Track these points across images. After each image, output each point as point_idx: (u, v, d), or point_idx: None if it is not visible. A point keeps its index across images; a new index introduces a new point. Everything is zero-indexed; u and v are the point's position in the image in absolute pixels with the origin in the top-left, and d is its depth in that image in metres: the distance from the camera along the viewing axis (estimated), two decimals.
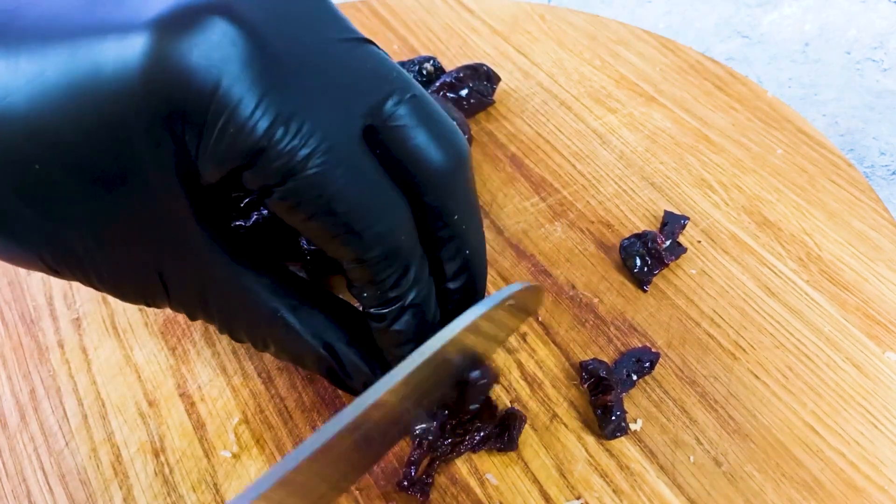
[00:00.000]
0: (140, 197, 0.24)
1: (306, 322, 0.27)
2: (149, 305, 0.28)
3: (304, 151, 0.23)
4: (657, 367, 0.34)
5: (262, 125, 0.22)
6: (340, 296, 0.30)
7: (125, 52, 0.22)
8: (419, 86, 0.26)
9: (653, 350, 0.34)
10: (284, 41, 0.23)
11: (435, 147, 0.25)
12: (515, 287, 0.26)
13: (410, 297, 0.26)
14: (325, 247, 0.25)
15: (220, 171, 0.24)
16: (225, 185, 0.25)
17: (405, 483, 0.30)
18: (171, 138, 0.23)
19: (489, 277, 0.37)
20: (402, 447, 0.31)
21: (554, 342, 0.35)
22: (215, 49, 0.22)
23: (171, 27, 0.22)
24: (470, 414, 0.31)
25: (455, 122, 0.27)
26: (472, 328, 0.25)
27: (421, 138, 0.25)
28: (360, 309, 0.28)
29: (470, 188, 0.27)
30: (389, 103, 0.25)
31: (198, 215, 0.25)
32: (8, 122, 0.23)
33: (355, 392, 0.29)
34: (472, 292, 0.28)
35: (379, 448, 0.29)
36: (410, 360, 0.24)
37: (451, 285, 0.28)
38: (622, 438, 0.32)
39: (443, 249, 0.27)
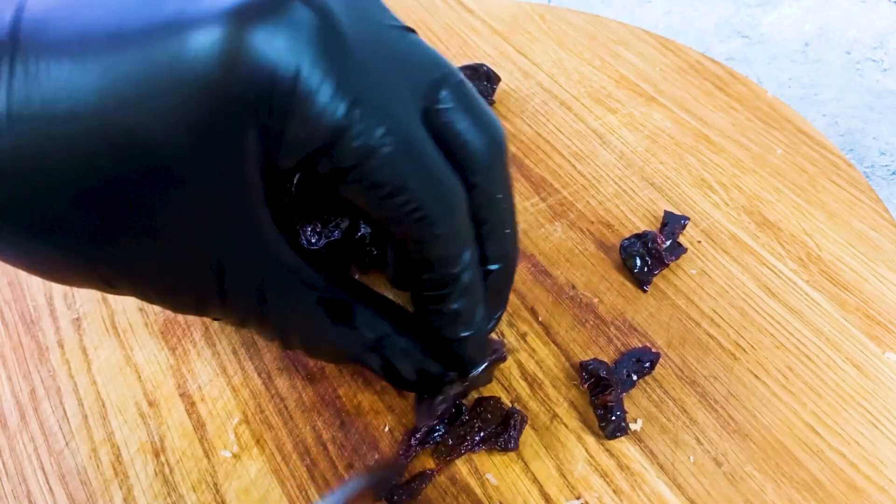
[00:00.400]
0: (212, 192, 0.24)
1: (360, 318, 0.28)
2: (200, 314, 0.27)
3: (380, 131, 0.23)
4: (657, 367, 0.34)
5: (342, 108, 0.23)
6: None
7: (205, 42, 0.22)
8: (461, 73, 0.27)
9: (653, 350, 0.34)
10: (351, 25, 0.24)
11: (477, 131, 0.26)
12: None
13: (466, 277, 0.27)
14: (395, 227, 0.26)
15: (300, 155, 0.24)
16: (293, 173, 0.25)
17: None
18: (255, 126, 0.23)
19: None
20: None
21: (554, 342, 0.35)
22: (294, 34, 0.22)
23: (249, 15, 0.22)
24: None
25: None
26: None
27: (465, 123, 0.26)
28: (413, 300, 0.28)
29: (507, 172, 0.28)
30: (439, 88, 0.26)
31: (267, 209, 0.25)
32: (76, 121, 0.22)
33: (410, 387, 0.30)
34: (508, 275, 0.29)
35: None
36: None
37: (491, 267, 0.29)
38: (622, 438, 0.32)
39: (485, 228, 0.28)
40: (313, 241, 0.34)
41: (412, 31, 0.27)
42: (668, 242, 0.38)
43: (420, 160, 0.25)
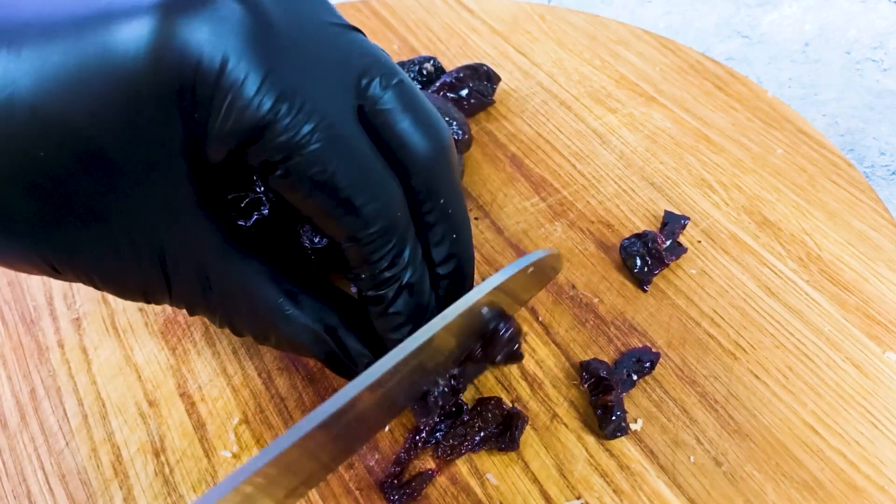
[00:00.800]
0: (146, 178, 0.24)
1: (307, 307, 0.28)
2: (149, 301, 0.28)
3: (307, 127, 0.23)
4: (657, 367, 0.34)
5: (268, 102, 0.23)
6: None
7: (133, 33, 0.22)
8: (404, 73, 0.27)
9: (653, 350, 0.34)
10: (284, 20, 0.24)
11: (419, 133, 0.26)
12: (537, 255, 0.28)
13: (406, 277, 0.27)
14: (324, 224, 0.26)
15: (227, 147, 0.24)
16: (226, 166, 0.25)
17: (387, 484, 0.30)
18: (179, 116, 0.23)
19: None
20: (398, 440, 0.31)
21: (554, 342, 0.35)
22: (222, 26, 0.23)
23: (177, 6, 0.22)
24: (493, 362, 0.32)
25: (439, 112, 0.28)
26: (499, 289, 0.27)
27: (405, 124, 0.26)
28: (357, 297, 0.28)
29: (453, 174, 0.28)
30: (377, 87, 0.25)
31: (200, 197, 0.26)
32: (13, 111, 0.23)
33: (352, 378, 0.29)
34: (462, 277, 0.29)
35: (373, 426, 0.30)
36: (431, 324, 0.25)
37: (441, 270, 0.28)
38: (622, 438, 0.32)
39: (431, 232, 0.27)
40: (316, 240, 0.34)
41: (357, 29, 0.27)
42: (668, 242, 0.38)
43: (350, 157, 0.24)
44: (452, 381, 0.31)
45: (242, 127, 0.23)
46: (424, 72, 0.46)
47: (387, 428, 0.32)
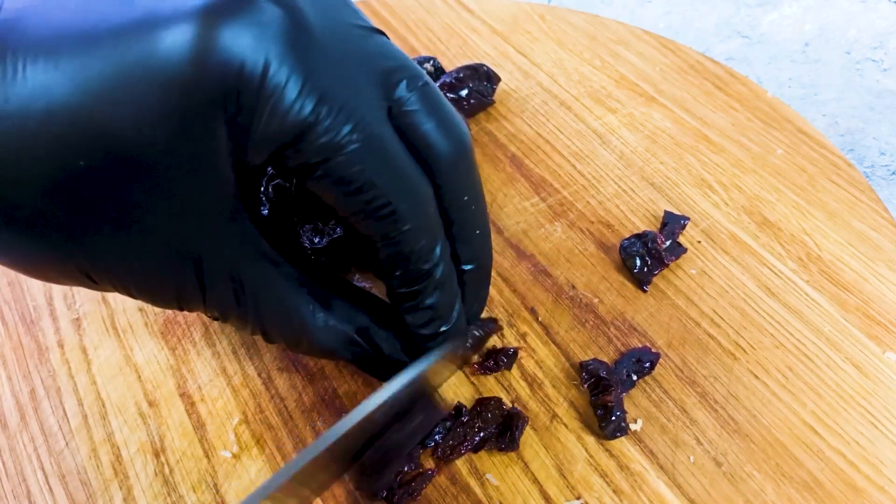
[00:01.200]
0: (187, 185, 0.24)
1: (338, 311, 0.28)
2: (182, 308, 0.28)
3: (346, 129, 0.24)
4: (657, 367, 0.34)
5: (309, 105, 0.23)
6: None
7: (175, 39, 0.22)
8: (427, 76, 0.27)
9: (653, 350, 0.34)
10: (319, 23, 0.24)
11: (443, 134, 0.26)
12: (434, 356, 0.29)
13: (438, 273, 0.27)
14: (361, 224, 0.26)
15: (269, 150, 0.24)
16: (264, 168, 0.26)
17: (383, 491, 0.30)
18: (224, 121, 0.23)
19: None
20: None
21: (554, 342, 0.35)
22: (263, 30, 0.23)
23: (218, 13, 0.23)
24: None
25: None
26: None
27: (430, 125, 0.26)
28: (388, 295, 0.29)
29: (475, 173, 0.28)
30: (404, 89, 0.26)
31: (240, 203, 0.26)
32: (52, 120, 0.23)
33: (385, 378, 0.30)
34: (484, 274, 0.30)
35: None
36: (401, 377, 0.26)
37: (465, 267, 0.29)
38: (622, 438, 0.32)
39: (455, 229, 0.28)
40: (316, 240, 0.34)
41: (381, 32, 0.27)
42: (668, 242, 0.38)
43: (386, 157, 0.25)
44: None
45: (285, 130, 0.24)
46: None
47: None
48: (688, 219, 0.39)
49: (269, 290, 0.27)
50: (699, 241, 0.39)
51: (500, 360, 0.34)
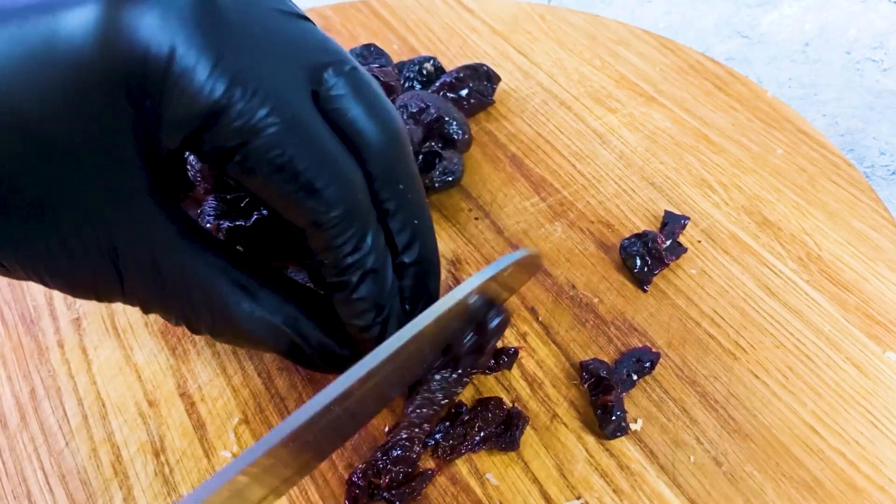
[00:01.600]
0: (96, 166, 0.24)
1: (264, 300, 0.27)
2: (101, 299, 0.27)
3: (263, 111, 0.23)
4: (657, 367, 0.34)
5: (220, 87, 0.23)
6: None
7: (79, 21, 0.22)
8: (356, 61, 0.27)
9: (653, 350, 0.34)
10: (233, 6, 0.24)
11: (370, 119, 0.26)
12: (513, 257, 0.28)
13: (370, 262, 0.26)
14: (286, 210, 0.25)
15: (181, 134, 0.24)
16: (180, 156, 0.25)
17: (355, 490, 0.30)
18: (129, 105, 0.23)
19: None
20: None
21: (554, 342, 0.35)
22: (170, 12, 0.23)
23: None
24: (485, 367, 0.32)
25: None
26: (478, 289, 0.27)
27: (357, 110, 0.26)
28: (319, 289, 0.28)
29: (409, 161, 0.28)
30: (330, 73, 0.25)
31: (152, 185, 0.25)
32: None
33: (319, 369, 0.29)
34: (429, 264, 0.29)
35: (357, 423, 0.30)
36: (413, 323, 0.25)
37: (406, 258, 0.28)
38: (622, 438, 0.32)
39: (391, 219, 0.27)
40: (221, 224, 0.33)
41: (306, 18, 0.27)
42: (668, 242, 0.38)
43: (310, 140, 0.24)
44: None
45: (195, 113, 0.23)
46: (424, 72, 0.46)
47: (386, 428, 0.32)
48: (688, 219, 0.39)
49: (189, 278, 0.26)
50: (699, 241, 0.39)
51: (501, 359, 0.34)
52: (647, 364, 0.34)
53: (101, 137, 0.24)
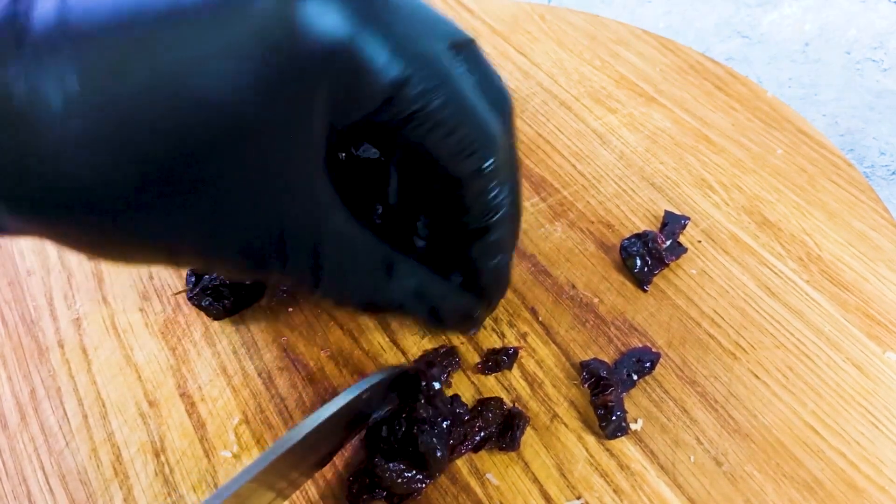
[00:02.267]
0: (279, 148, 0.25)
1: (410, 270, 0.30)
2: (259, 278, 0.29)
3: (434, 81, 0.26)
4: (657, 367, 0.34)
5: (400, 64, 0.25)
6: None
7: (264, 6, 0.23)
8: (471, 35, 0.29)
9: (653, 350, 0.34)
10: None
11: (491, 92, 0.28)
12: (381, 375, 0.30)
13: (505, 207, 0.29)
14: (454, 163, 0.28)
15: (364, 112, 0.26)
16: (349, 133, 0.27)
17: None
18: (317, 87, 0.24)
19: None
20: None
21: (554, 342, 0.35)
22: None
23: None
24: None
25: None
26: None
27: (476, 81, 0.28)
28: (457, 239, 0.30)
29: (514, 128, 0.30)
30: (461, 49, 0.28)
31: (327, 172, 0.27)
32: (152, 90, 0.23)
33: (450, 330, 0.33)
34: (516, 213, 0.32)
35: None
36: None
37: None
38: (622, 438, 0.32)
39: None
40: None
41: None
42: (669, 242, 0.38)
43: (469, 105, 0.27)
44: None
45: (381, 89, 0.25)
46: None
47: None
48: (688, 219, 0.39)
49: (348, 260, 0.28)
50: (699, 241, 0.39)
51: (501, 359, 0.34)
52: (648, 364, 0.34)
53: (293, 119, 0.25)
